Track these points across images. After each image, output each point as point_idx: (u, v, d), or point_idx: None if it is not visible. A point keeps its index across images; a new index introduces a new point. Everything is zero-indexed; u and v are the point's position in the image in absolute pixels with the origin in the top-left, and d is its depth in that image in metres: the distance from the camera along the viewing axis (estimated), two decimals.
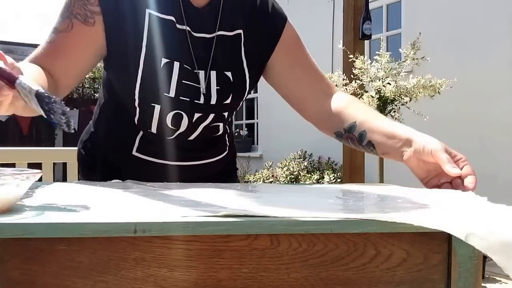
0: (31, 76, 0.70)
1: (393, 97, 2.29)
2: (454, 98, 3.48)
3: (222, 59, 0.92)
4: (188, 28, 0.90)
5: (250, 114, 7.43)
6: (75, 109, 6.93)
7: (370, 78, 2.37)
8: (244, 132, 7.15)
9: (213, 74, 0.91)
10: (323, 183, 4.45)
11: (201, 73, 0.90)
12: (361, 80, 2.41)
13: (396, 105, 2.36)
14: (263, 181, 4.96)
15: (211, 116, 0.94)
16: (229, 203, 0.61)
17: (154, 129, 0.94)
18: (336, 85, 2.57)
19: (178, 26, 0.89)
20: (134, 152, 0.97)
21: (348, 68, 2.61)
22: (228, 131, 1.06)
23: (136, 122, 0.95)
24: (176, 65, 0.88)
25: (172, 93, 0.89)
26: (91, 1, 0.86)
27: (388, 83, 2.30)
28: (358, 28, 2.78)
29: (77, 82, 0.93)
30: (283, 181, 4.82)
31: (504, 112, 3.74)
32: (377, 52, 2.41)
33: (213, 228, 0.48)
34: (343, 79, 2.54)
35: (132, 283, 0.48)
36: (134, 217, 0.48)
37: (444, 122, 3.99)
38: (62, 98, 0.61)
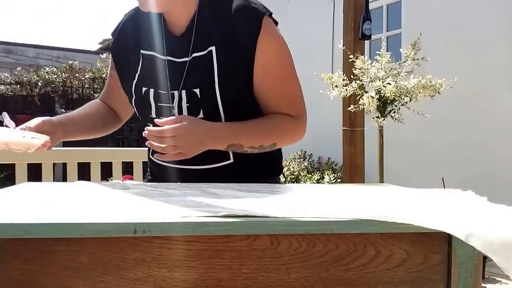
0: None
1: (393, 97, 2.29)
2: (454, 98, 3.48)
3: (193, 78, 1.02)
4: (169, 58, 1.04)
5: None
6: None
7: (370, 78, 2.36)
8: None
9: (183, 93, 1.02)
10: (323, 183, 4.44)
11: (176, 94, 1.03)
12: (361, 80, 2.40)
13: (396, 105, 2.35)
14: None
15: None
16: (229, 203, 0.61)
17: None
18: (336, 86, 2.57)
19: (161, 57, 1.05)
20: (150, 155, 1.12)
21: (348, 68, 2.61)
22: None
23: None
24: (151, 91, 1.05)
25: (153, 114, 1.05)
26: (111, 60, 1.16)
27: (389, 83, 2.30)
28: (358, 28, 2.77)
29: (131, 111, 1.21)
30: (283, 181, 4.81)
31: (504, 112, 3.74)
32: (377, 52, 2.40)
33: (213, 228, 0.48)
34: (343, 79, 2.54)
35: (132, 284, 0.48)
36: (134, 217, 0.48)
37: (444, 122, 3.99)
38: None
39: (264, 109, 1.06)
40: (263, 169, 1.14)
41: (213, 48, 1.00)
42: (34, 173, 1.64)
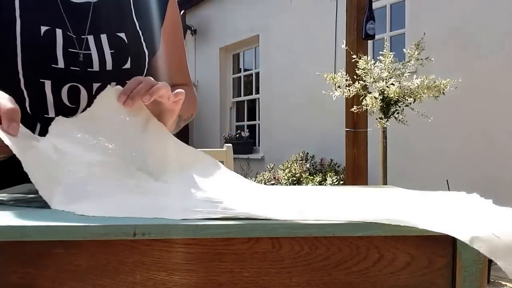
0: None
1: (397, 98, 2.28)
2: (459, 99, 3.46)
3: (112, 20, 0.86)
4: None
5: (252, 115, 7.40)
6: None
7: (374, 78, 2.35)
8: (245, 133, 7.11)
9: (104, 37, 0.84)
10: (325, 185, 4.43)
11: (90, 38, 0.83)
12: (364, 81, 2.40)
13: (399, 106, 2.34)
14: (265, 184, 4.95)
15: (113, 85, 0.83)
16: (230, 205, 0.60)
17: (52, 113, 0.84)
18: (339, 86, 2.56)
19: None
20: None
21: (351, 68, 2.60)
22: None
23: (28, 109, 0.83)
24: (59, 32, 0.80)
25: (60, 64, 0.80)
26: None
27: (392, 83, 2.29)
28: (361, 28, 2.77)
29: None
30: (285, 183, 4.80)
31: (509, 113, 3.71)
32: (380, 52, 2.39)
33: (213, 231, 0.47)
34: (346, 80, 2.53)
35: (131, 287, 0.47)
36: (133, 219, 0.48)
37: (448, 123, 3.97)
38: None
39: (157, 76, 0.93)
40: None
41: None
42: None
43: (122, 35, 0.86)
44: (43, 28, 0.79)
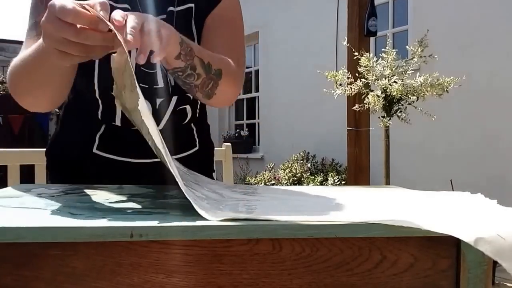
0: None
1: (400, 96, 2.26)
2: (463, 97, 3.44)
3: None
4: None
5: (251, 114, 7.34)
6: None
7: (376, 76, 2.34)
8: (245, 132, 7.07)
9: None
10: (327, 185, 4.42)
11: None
12: (366, 79, 2.38)
13: (402, 105, 2.33)
14: (265, 184, 4.93)
15: (174, 99, 0.95)
16: (229, 206, 0.60)
17: (118, 121, 0.93)
18: (341, 84, 2.54)
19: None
20: (94, 150, 0.95)
21: (353, 66, 2.58)
22: (197, 121, 1.03)
23: (99, 115, 0.94)
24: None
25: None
26: None
27: (395, 81, 2.27)
28: (363, 24, 2.74)
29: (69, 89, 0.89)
30: (286, 183, 4.78)
31: None
32: (383, 50, 2.38)
33: (212, 232, 0.47)
34: (348, 78, 2.51)
35: None
36: (130, 221, 0.47)
37: (452, 122, 3.95)
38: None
39: None
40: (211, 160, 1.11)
41: (193, 5, 0.95)
42: (27, 175, 1.60)
43: None
44: None
